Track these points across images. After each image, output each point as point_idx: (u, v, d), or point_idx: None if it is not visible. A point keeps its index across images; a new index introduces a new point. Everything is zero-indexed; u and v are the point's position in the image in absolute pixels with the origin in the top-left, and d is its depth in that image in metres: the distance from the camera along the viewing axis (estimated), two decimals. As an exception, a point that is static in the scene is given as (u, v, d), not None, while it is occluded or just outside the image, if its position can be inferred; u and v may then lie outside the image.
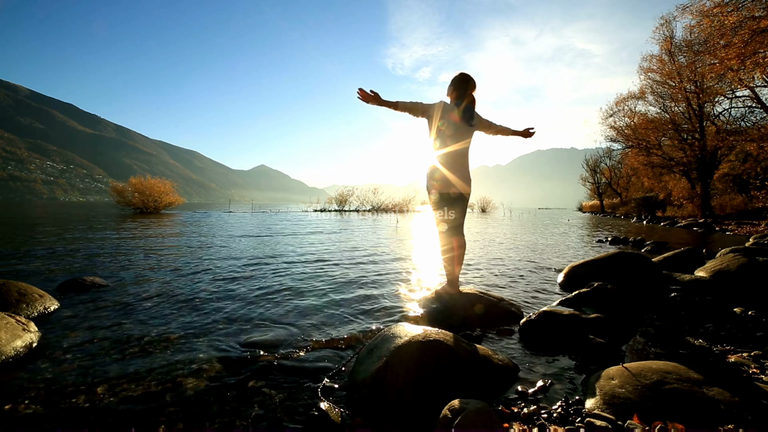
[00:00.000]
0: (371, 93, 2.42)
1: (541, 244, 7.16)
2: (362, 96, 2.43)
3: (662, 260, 4.25)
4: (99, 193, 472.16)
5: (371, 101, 2.43)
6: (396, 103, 2.48)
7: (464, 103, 2.51)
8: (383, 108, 2.51)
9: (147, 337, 2.00)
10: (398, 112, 2.54)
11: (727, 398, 1.23)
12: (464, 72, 2.56)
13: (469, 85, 2.52)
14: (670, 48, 16.92)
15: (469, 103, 2.53)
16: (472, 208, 32.70)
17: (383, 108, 2.51)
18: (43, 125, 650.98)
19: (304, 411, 1.32)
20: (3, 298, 2.35)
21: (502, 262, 4.82)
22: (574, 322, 2.11)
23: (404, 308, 2.64)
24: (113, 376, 1.55)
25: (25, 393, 1.42)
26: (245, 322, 2.27)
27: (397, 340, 1.56)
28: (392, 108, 2.50)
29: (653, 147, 19.17)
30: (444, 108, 2.48)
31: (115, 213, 18.00)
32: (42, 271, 3.72)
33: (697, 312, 2.50)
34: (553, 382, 1.55)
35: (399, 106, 2.49)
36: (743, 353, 1.79)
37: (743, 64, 10.14)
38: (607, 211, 34.47)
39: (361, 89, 2.41)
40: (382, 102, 2.45)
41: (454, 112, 2.47)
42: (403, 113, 2.54)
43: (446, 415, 1.13)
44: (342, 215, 20.05)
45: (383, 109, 2.52)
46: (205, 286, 3.21)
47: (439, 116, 2.47)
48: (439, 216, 2.59)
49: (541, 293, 3.18)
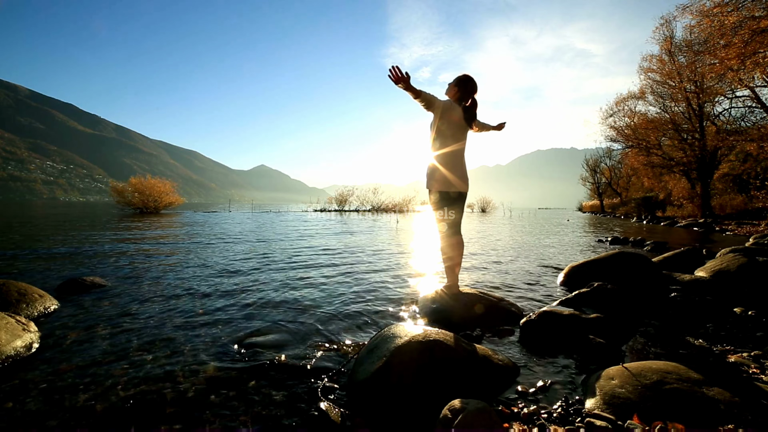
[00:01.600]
0: (406, 75, 2.28)
1: (541, 244, 7.16)
2: (395, 76, 2.28)
3: (662, 260, 4.25)
4: (99, 193, 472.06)
5: (401, 83, 2.31)
6: (420, 92, 2.38)
7: (468, 105, 2.55)
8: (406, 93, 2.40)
9: (147, 337, 1.99)
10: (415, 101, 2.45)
11: (727, 398, 1.23)
12: (469, 74, 2.58)
13: (474, 87, 2.55)
14: (670, 48, 16.92)
15: (473, 105, 2.57)
16: (472, 209, 32.69)
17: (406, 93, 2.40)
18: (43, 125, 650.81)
19: (304, 411, 1.32)
20: (3, 298, 2.35)
21: (502, 262, 4.81)
22: (574, 322, 2.11)
23: (404, 308, 2.64)
24: (113, 376, 1.55)
25: (25, 393, 1.42)
26: (245, 323, 2.27)
27: (397, 340, 1.56)
28: (414, 95, 2.39)
29: (653, 147, 19.16)
30: (445, 107, 2.48)
31: (115, 213, 18.00)
32: (42, 271, 3.72)
33: (697, 312, 2.50)
34: (553, 382, 1.55)
35: (422, 95, 2.40)
36: (743, 353, 1.79)
37: (743, 64, 10.14)
38: (607, 211, 34.47)
39: (397, 68, 2.27)
40: (410, 87, 2.34)
41: (455, 113, 2.48)
42: (421, 103, 2.45)
43: (446, 415, 1.13)
44: (342, 215, 20.05)
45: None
46: (206, 286, 3.21)
47: (439, 115, 2.47)
48: (439, 216, 2.59)
49: (540, 293, 3.18)
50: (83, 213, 18.15)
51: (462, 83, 2.55)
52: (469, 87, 2.54)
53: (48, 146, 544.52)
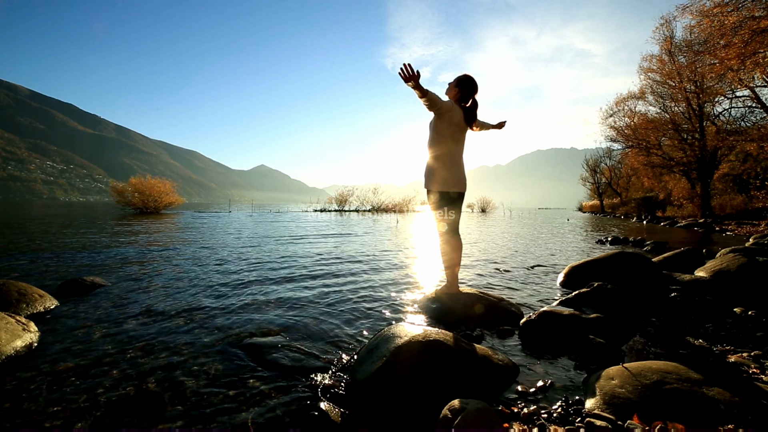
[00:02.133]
0: (417, 73, 2.22)
1: (541, 244, 7.16)
2: (406, 73, 2.22)
3: (662, 260, 4.25)
4: (99, 193, 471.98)
5: (411, 81, 2.25)
6: (427, 92, 2.34)
7: (468, 106, 2.56)
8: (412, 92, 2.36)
9: (147, 337, 2.00)
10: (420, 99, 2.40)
11: (727, 398, 1.23)
12: (469, 74, 2.58)
13: (475, 88, 2.56)
14: (670, 48, 16.92)
15: (473, 105, 2.58)
16: (472, 209, 32.71)
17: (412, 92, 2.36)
18: (43, 125, 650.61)
19: (304, 411, 1.32)
20: (3, 297, 2.35)
21: (502, 262, 4.81)
22: (574, 322, 2.11)
23: (404, 308, 2.64)
24: (113, 376, 1.55)
25: (25, 393, 1.42)
26: (245, 323, 2.27)
27: (397, 340, 1.56)
28: (420, 94, 2.35)
29: (653, 147, 19.16)
30: (446, 108, 2.47)
31: (115, 213, 18.00)
32: (42, 271, 3.72)
33: (697, 312, 2.50)
34: (553, 382, 1.55)
35: (428, 95, 2.36)
36: (743, 353, 1.79)
37: (743, 64, 10.14)
38: (607, 211, 34.46)
39: (409, 65, 2.21)
40: (418, 86, 2.29)
41: (455, 113, 2.48)
42: (426, 102, 2.41)
43: (446, 415, 1.13)
44: (342, 215, 20.05)
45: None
46: (205, 286, 3.21)
47: (440, 115, 2.48)
48: (438, 216, 2.60)
49: (541, 293, 3.18)
50: (83, 213, 18.14)
51: (462, 83, 2.54)
52: (469, 87, 2.54)
53: (48, 146, 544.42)
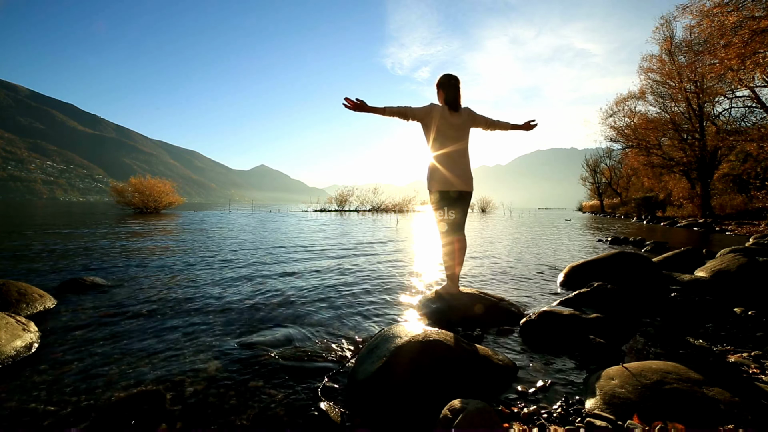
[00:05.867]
0: (357, 101, 2.42)
1: (541, 244, 7.16)
2: (349, 105, 2.42)
3: (662, 260, 4.25)
4: (99, 193, 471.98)
5: (358, 109, 2.44)
6: (383, 109, 2.47)
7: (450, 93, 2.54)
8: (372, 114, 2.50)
9: (147, 337, 1.99)
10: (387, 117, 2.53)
11: (727, 398, 1.23)
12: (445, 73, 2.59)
13: (450, 79, 2.55)
14: (670, 48, 16.94)
15: (454, 91, 2.55)
16: (472, 209, 32.70)
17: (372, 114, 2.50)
18: (43, 125, 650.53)
19: (304, 411, 1.32)
20: (3, 297, 2.35)
21: (502, 262, 4.81)
22: (574, 322, 2.11)
23: (404, 308, 2.64)
24: (113, 376, 1.55)
25: (25, 393, 1.42)
26: (245, 323, 2.27)
27: (397, 340, 1.56)
28: (380, 113, 2.48)
29: (653, 147, 19.18)
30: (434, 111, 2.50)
31: (115, 213, 17.99)
32: (42, 270, 3.72)
33: (697, 312, 2.50)
34: (553, 382, 1.55)
35: (386, 111, 2.48)
36: (743, 353, 1.79)
37: (743, 64, 10.14)
38: (607, 211, 34.47)
39: (347, 98, 2.40)
40: (368, 108, 2.45)
41: (435, 114, 2.49)
42: (392, 117, 2.53)
43: (446, 415, 1.13)
44: (342, 215, 20.05)
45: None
46: (205, 286, 3.21)
47: (431, 119, 2.49)
48: (439, 216, 2.59)
49: (541, 293, 3.18)
50: (83, 213, 18.14)
51: (440, 84, 2.59)
52: (446, 82, 2.56)
53: (48, 146, 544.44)
